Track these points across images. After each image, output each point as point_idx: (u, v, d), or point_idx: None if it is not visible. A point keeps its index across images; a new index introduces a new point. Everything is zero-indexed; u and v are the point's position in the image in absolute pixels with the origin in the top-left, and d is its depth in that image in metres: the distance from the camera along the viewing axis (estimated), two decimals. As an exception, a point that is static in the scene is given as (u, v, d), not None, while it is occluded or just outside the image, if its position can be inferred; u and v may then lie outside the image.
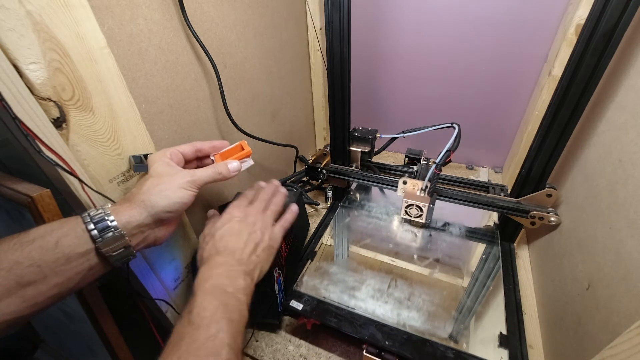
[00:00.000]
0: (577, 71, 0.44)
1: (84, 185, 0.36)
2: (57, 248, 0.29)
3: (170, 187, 0.36)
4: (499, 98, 0.85)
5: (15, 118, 0.29)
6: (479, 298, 0.52)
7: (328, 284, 0.55)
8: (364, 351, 0.46)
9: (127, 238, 0.33)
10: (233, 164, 0.42)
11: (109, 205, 0.34)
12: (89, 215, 0.32)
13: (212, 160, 0.44)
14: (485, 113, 0.88)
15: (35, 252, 0.29)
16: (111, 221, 0.32)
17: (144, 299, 0.46)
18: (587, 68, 0.43)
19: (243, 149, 0.45)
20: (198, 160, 0.45)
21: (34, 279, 0.28)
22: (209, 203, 0.62)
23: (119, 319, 0.45)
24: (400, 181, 0.63)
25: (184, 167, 0.41)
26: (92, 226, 0.31)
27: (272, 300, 0.51)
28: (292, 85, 0.86)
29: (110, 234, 0.32)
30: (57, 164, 0.33)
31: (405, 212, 0.62)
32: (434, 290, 0.53)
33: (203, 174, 0.39)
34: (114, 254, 0.32)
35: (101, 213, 0.32)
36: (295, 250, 0.62)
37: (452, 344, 0.45)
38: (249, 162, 0.45)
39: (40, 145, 0.32)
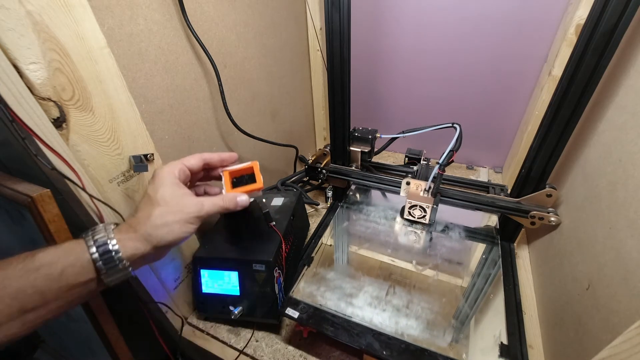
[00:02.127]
0: (577, 71, 0.44)
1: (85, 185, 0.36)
2: (61, 277, 0.29)
3: (177, 220, 0.35)
4: (499, 98, 0.85)
5: (12, 121, 0.29)
6: (479, 298, 0.52)
7: (325, 290, 0.53)
8: (364, 354, 0.46)
9: (130, 268, 0.33)
10: (242, 198, 0.40)
11: (113, 230, 0.33)
12: (94, 244, 0.31)
13: (221, 174, 0.42)
14: (485, 113, 0.88)
15: (40, 281, 0.29)
16: (116, 254, 0.32)
17: (144, 300, 0.46)
18: (587, 68, 0.43)
19: (254, 173, 0.43)
20: (205, 172, 0.44)
21: (36, 305, 0.29)
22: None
23: (119, 319, 0.45)
24: (404, 182, 0.63)
25: (191, 179, 0.40)
26: (97, 256, 0.31)
27: (272, 300, 0.51)
28: (292, 85, 0.86)
29: (116, 266, 0.32)
30: (54, 168, 0.33)
31: (409, 212, 0.62)
32: (433, 297, 0.52)
33: (211, 208, 0.38)
34: (115, 280, 0.33)
35: (107, 244, 0.31)
36: (295, 250, 0.62)
37: (451, 354, 0.43)
38: (258, 193, 0.44)
39: (41, 144, 0.32)
